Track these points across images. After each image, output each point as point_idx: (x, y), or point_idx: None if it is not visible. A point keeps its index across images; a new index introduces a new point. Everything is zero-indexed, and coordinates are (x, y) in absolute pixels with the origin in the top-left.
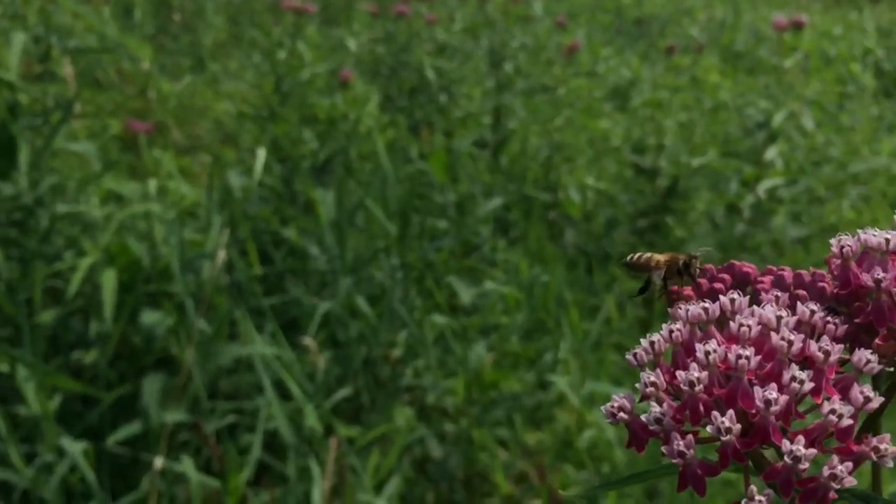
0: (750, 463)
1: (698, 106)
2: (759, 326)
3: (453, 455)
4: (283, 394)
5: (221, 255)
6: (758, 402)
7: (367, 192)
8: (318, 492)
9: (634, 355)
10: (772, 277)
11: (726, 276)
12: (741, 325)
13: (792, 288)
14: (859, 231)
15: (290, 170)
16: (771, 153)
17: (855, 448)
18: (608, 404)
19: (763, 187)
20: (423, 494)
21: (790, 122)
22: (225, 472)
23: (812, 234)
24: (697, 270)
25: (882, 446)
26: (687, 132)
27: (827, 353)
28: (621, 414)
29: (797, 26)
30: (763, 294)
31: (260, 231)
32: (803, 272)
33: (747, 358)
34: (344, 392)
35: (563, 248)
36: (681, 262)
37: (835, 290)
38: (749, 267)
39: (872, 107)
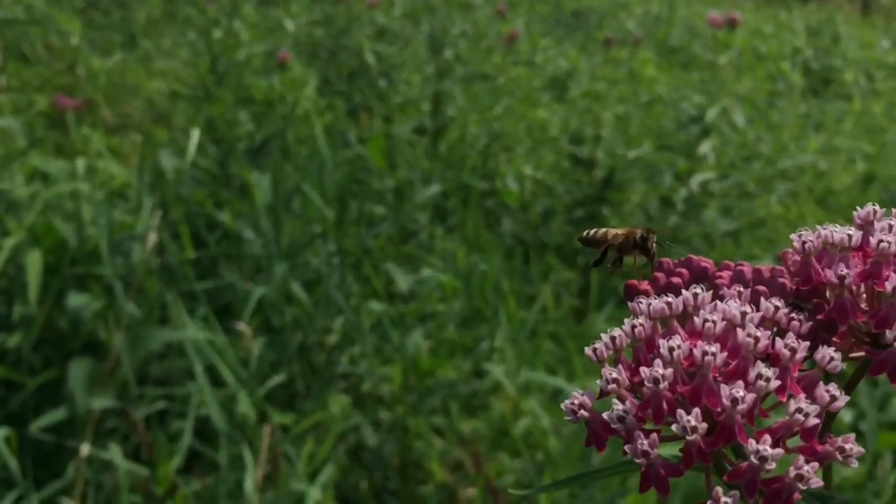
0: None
1: (634, 99)
2: (724, 322)
3: (388, 443)
4: (216, 380)
5: (152, 237)
6: (724, 401)
7: (305, 177)
8: (251, 480)
9: (594, 350)
10: (730, 273)
11: (684, 271)
12: (706, 320)
13: (751, 283)
14: (818, 227)
15: (225, 152)
16: (704, 148)
17: (819, 448)
18: (568, 401)
19: (696, 181)
20: (357, 482)
21: (722, 118)
22: (154, 460)
23: (741, 227)
24: (654, 245)
25: (847, 446)
26: (623, 124)
27: (793, 351)
28: (582, 412)
29: (731, 24)
30: (724, 289)
31: (193, 214)
32: (762, 267)
33: (713, 354)
34: (278, 378)
35: (500, 236)
36: (638, 236)
37: (794, 287)
38: (706, 262)
39: (801, 105)
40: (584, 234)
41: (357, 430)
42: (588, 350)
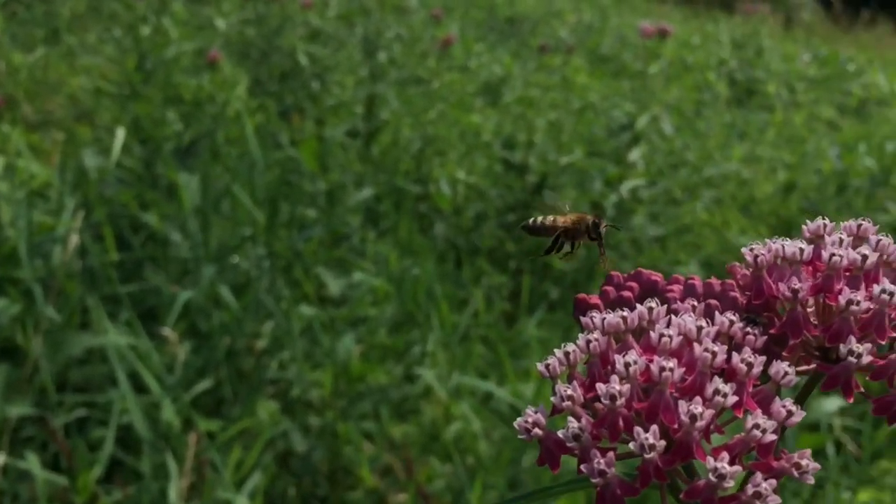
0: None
1: (567, 106)
2: (680, 337)
3: (318, 449)
4: (139, 386)
5: (74, 239)
6: (682, 417)
7: (234, 178)
8: (175, 489)
9: (547, 366)
10: (680, 286)
11: (634, 284)
12: (662, 335)
13: (702, 297)
14: (769, 241)
15: (151, 152)
16: (634, 155)
17: (775, 464)
18: (521, 419)
19: (626, 187)
20: (285, 489)
21: (652, 126)
22: (74, 469)
23: (669, 233)
24: (604, 230)
25: (803, 462)
26: (556, 131)
27: (750, 365)
28: (536, 430)
29: (662, 34)
30: (678, 303)
31: (117, 215)
32: (713, 281)
33: (671, 370)
34: (204, 384)
35: (432, 240)
36: (589, 222)
37: (745, 301)
38: (656, 275)
39: (725, 114)
40: (531, 220)
41: (286, 437)
42: (540, 366)
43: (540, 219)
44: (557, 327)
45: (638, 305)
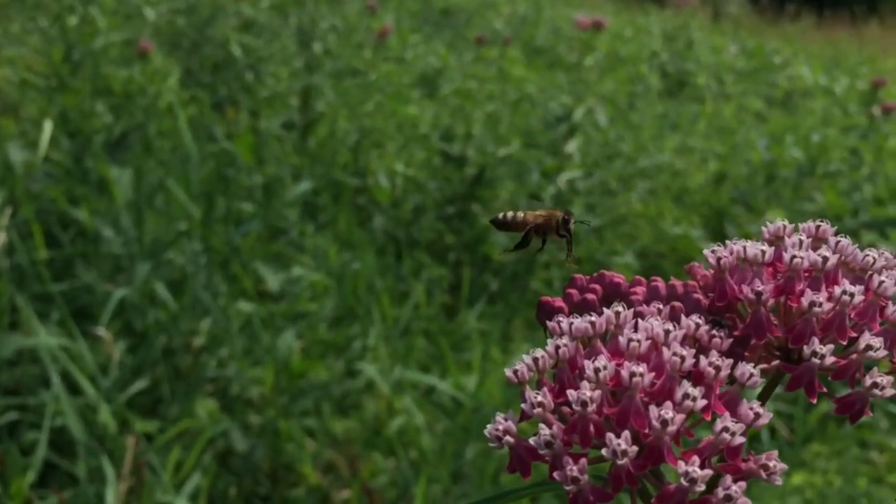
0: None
1: (504, 97)
2: (649, 341)
3: (259, 447)
4: (73, 388)
5: (1, 237)
6: (654, 422)
7: (168, 172)
8: (113, 493)
9: (515, 372)
10: (643, 288)
11: (597, 287)
12: (630, 339)
13: (665, 299)
14: (729, 242)
15: (80, 145)
16: (571, 146)
17: (743, 466)
18: (492, 427)
19: (563, 178)
20: (226, 489)
21: (587, 118)
22: (6, 474)
23: (605, 223)
24: (572, 226)
25: (771, 463)
26: (493, 122)
27: (717, 369)
28: (507, 437)
29: (597, 27)
30: (644, 307)
31: (45, 211)
32: (675, 283)
33: (641, 375)
34: (140, 384)
35: (371, 233)
36: (559, 219)
37: (708, 302)
38: (619, 277)
39: (658, 106)
40: (501, 216)
41: (225, 436)
42: (508, 372)
43: (510, 214)
44: (498, 319)
45: (605, 309)
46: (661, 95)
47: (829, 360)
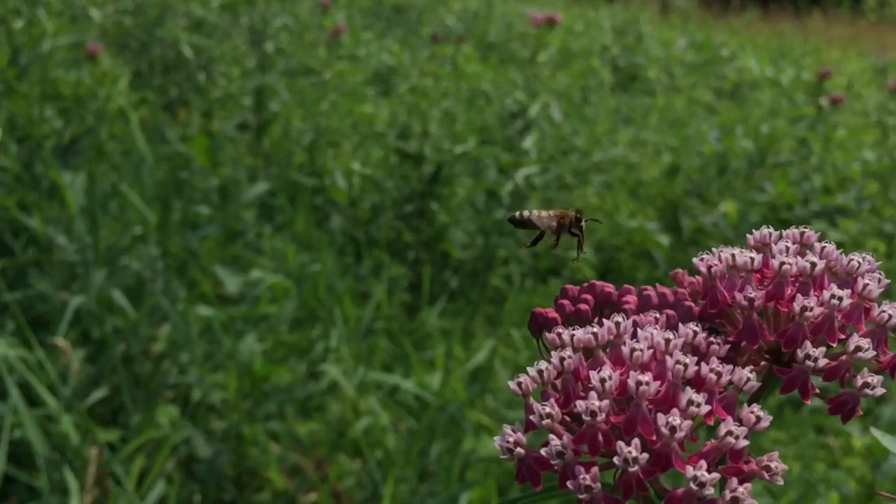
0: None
1: (459, 94)
2: (651, 350)
3: (223, 453)
4: (32, 398)
5: None
6: (662, 429)
7: (122, 176)
8: None
9: (519, 384)
10: (634, 297)
11: (588, 297)
12: (633, 349)
13: (658, 308)
14: (715, 250)
15: (30, 151)
16: (527, 142)
17: (745, 468)
18: (502, 439)
19: (520, 174)
20: (190, 496)
21: (542, 113)
22: None
23: None
24: (584, 225)
25: (773, 464)
26: (449, 120)
27: (719, 374)
28: (518, 449)
29: (551, 22)
30: (640, 316)
31: None
32: (665, 290)
33: (647, 383)
34: (99, 393)
35: (330, 234)
36: (572, 217)
37: (699, 309)
38: (608, 286)
39: (611, 100)
40: (518, 214)
41: (188, 443)
42: (513, 384)
43: (527, 213)
44: (459, 316)
45: (604, 321)
46: (614, 89)
47: (823, 362)
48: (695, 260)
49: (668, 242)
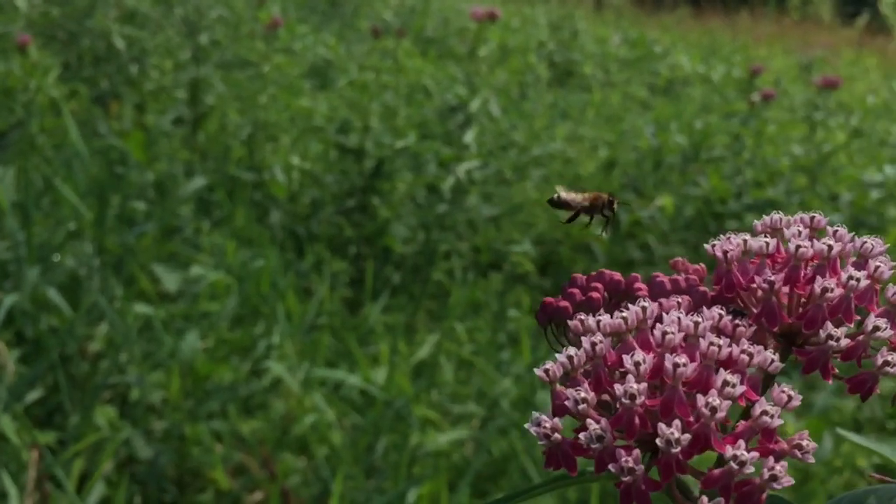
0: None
1: (400, 89)
2: (681, 333)
3: (163, 453)
4: None
5: None
6: (703, 410)
7: (55, 171)
8: None
9: (546, 371)
10: (644, 285)
11: (598, 285)
12: (665, 332)
13: (671, 294)
14: (730, 235)
15: None
16: (468, 137)
17: (776, 447)
18: (539, 427)
19: (462, 169)
20: (130, 498)
21: (481, 108)
22: None
23: (502, 212)
24: (617, 208)
25: (804, 443)
26: (390, 114)
27: (750, 356)
28: (556, 435)
29: (492, 18)
30: (664, 301)
31: None
32: (677, 277)
33: (685, 365)
34: (35, 394)
35: (270, 229)
36: (605, 200)
37: (713, 294)
38: (617, 275)
39: (548, 95)
40: (556, 196)
41: (128, 444)
42: (540, 371)
43: (564, 195)
44: (401, 311)
45: (630, 306)
46: (551, 85)
47: (845, 342)
48: (707, 246)
49: (606, 236)
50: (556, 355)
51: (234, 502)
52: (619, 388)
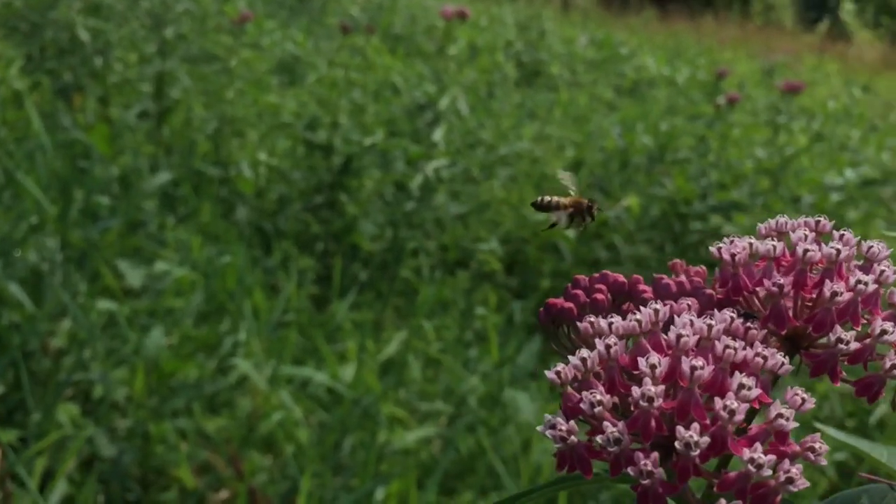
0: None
1: (368, 86)
2: (696, 336)
3: (127, 452)
4: None
5: None
6: (721, 412)
7: (17, 164)
8: None
9: (558, 373)
10: (647, 287)
11: (602, 286)
12: (680, 335)
13: (676, 297)
14: (734, 238)
15: None
16: (437, 135)
17: (788, 449)
18: (555, 430)
19: (430, 167)
20: (93, 497)
21: (449, 107)
22: None
23: (470, 211)
24: (596, 213)
25: (816, 445)
26: (358, 111)
27: (764, 358)
28: (572, 438)
29: (462, 17)
30: (675, 303)
31: None
32: (681, 280)
33: (702, 368)
34: None
35: (236, 225)
36: (585, 205)
37: (719, 297)
38: (620, 277)
39: (515, 95)
40: (540, 199)
41: (91, 442)
42: (551, 374)
43: (548, 199)
44: (369, 309)
45: (642, 308)
46: (518, 84)
47: (854, 345)
48: (712, 248)
49: (573, 235)
50: (570, 357)
51: (199, 501)
52: (636, 391)
